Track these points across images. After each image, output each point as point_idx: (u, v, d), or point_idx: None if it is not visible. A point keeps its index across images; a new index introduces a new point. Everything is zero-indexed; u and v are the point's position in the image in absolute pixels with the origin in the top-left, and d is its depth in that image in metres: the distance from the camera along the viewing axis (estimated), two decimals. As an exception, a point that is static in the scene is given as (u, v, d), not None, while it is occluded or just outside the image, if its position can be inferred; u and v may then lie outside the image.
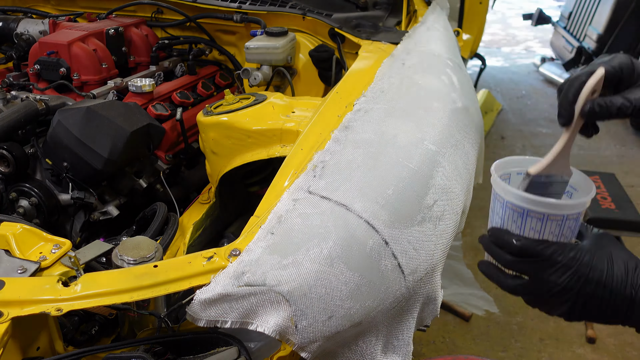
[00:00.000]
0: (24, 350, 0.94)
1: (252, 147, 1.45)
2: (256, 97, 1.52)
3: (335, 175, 1.10)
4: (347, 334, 1.03)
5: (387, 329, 1.11)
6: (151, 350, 0.99)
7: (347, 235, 1.01)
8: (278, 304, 0.93)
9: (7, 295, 0.90)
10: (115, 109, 1.49)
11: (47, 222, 1.48)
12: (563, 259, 0.83)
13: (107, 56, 1.81)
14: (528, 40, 7.84)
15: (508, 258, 0.87)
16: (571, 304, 0.84)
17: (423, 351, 2.44)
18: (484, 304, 2.67)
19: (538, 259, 0.84)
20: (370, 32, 1.86)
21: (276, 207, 1.04)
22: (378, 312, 1.04)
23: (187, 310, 0.92)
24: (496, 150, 4.33)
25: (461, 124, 1.44)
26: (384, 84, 1.43)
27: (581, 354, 2.44)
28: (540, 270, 0.84)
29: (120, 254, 1.02)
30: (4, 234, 1.05)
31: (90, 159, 1.42)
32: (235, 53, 2.11)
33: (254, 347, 1.06)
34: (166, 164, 1.67)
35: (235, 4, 2.00)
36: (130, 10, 2.16)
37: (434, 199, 1.18)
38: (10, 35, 2.03)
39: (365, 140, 1.21)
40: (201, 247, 1.48)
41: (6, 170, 1.47)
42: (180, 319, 1.09)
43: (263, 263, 0.94)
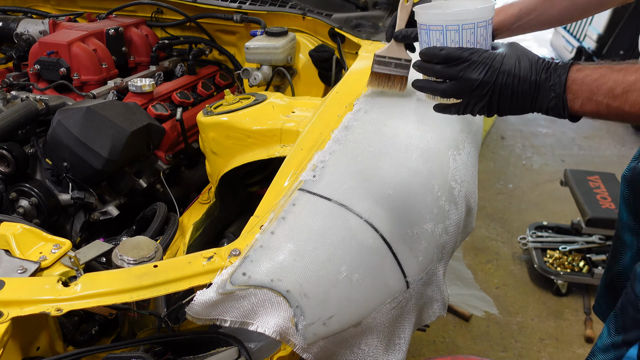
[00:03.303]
0: (24, 350, 0.94)
1: (252, 147, 1.45)
2: (256, 97, 1.52)
3: (335, 175, 1.10)
4: (348, 334, 1.03)
5: (388, 329, 1.11)
6: (151, 350, 0.99)
7: (347, 236, 1.01)
8: (278, 305, 0.93)
9: (7, 295, 0.90)
10: (115, 109, 1.49)
11: (47, 222, 1.48)
12: (479, 59, 1.01)
13: (107, 56, 1.82)
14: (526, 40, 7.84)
15: (437, 68, 1.04)
16: (489, 96, 1.01)
17: (423, 351, 2.44)
18: (483, 305, 2.67)
19: (459, 61, 1.02)
20: (370, 32, 1.86)
21: (276, 207, 1.04)
22: (379, 313, 1.04)
23: (187, 311, 0.92)
24: (496, 150, 4.33)
25: (462, 124, 1.44)
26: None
27: (581, 354, 2.43)
28: (462, 71, 1.01)
29: (120, 254, 1.02)
30: (4, 234, 1.05)
31: (90, 159, 1.42)
32: (235, 53, 2.11)
33: (254, 347, 1.06)
34: (166, 164, 1.67)
35: (235, 4, 2.00)
36: (130, 10, 2.16)
37: (434, 199, 1.18)
38: (10, 35, 2.03)
39: (365, 140, 1.21)
40: (201, 247, 1.48)
41: (6, 170, 1.47)
42: (180, 319, 1.09)
43: (263, 263, 0.94)
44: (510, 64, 1.00)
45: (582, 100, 0.96)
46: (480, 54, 1.01)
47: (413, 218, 1.11)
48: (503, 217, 3.40)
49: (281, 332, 0.95)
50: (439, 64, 1.04)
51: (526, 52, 1.02)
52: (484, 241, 3.20)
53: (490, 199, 3.55)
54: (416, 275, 1.09)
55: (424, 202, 1.15)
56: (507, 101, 1.01)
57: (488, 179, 3.78)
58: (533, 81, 0.98)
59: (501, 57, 1.00)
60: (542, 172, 4.04)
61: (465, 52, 1.02)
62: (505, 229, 3.30)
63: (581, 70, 0.96)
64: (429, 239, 1.13)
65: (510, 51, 1.02)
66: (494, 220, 3.37)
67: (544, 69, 0.99)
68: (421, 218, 1.13)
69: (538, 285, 2.85)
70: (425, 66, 1.07)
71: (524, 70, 0.99)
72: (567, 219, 3.20)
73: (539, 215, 3.42)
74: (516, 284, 2.88)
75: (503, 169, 4.05)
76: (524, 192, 3.73)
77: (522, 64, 0.99)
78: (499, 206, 3.50)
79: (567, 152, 4.34)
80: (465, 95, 1.03)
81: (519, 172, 4.02)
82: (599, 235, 2.88)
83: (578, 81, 0.96)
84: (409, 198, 1.12)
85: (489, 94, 1.01)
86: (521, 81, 0.99)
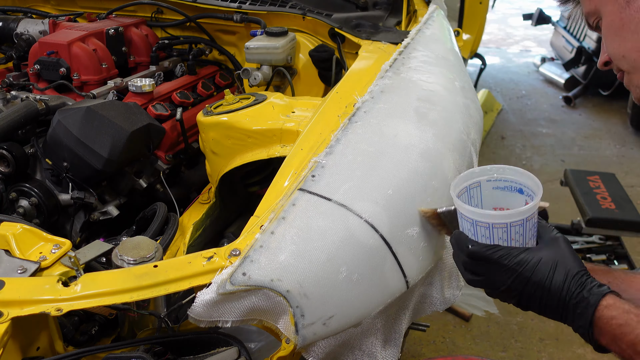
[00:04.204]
0: (24, 350, 0.94)
1: (252, 147, 1.45)
2: (256, 97, 1.52)
3: (335, 175, 1.10)
4: (348, 334, 1.03)
5: (386, 327, 1.12)
6: (151, 350, 0.99)
7: (347, 236, 1.01)
8: (278, 305, 0.93)
9: (7, 295, 0.90)
10: (115, 109, 1.49)
11: (47, 222, 1.48)
12: (509, 263, 0.94)
13: (107, 56, 1.81)
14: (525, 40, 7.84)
15: (465, 259, 0.99)
16: (517, 299, 0.96)
17: (423, 351, 2.44)
18: (484, 304, 2.67)
19: (488, 262, 0.95)
20: (370, 32, 1.86)
21: (276, 207, 1.04)
22: (379, 312, 1.04)
23: (188, 313, 0.92)
24: (496, 150, 4.33)
25: (462, 124, 1.44)
26: (384, 84, 1.43)
27: (581, 354, 2.43)
28: (489, 272, 0.96)
29: (120, 254, 1.02)
30: (4, 234, 1.05)
31: (90, 158, 1.42)
32: (235, 53, 2.11)
33: (254, 347, 1.06)
34: (166, 164, 1.67)
35: (235, 4, 2.00)
36: (130, 10, 2.16)
37: (435, 199, 1.18)
38: (10, 35, 2.03)
39: (366, 141, 1.21)
40: (201, 247, 1.48)
41: (6, 170, 1.47)
42: (180, 319, 1.09)
43: (263, 263, 0.94)
44: (542, 272, 0.92)
45: (607, 340, 0.91)
46: (511, 257, 0.94)
47: (413, 218, 1.11)
48: (503, 217, 3.40)
49: (281, 332, 0.95)
50: (467, 256, 0.98)
51: (566, 258, 0.94)
52: (484, 241, 3.19)
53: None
54: (416, 275, 1.09)
55: (424, 202, 1.15)
56: (534, 307, 0.95)
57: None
58: (562, 299, 0.91)
59: (534, 264, 0.93)
60: (542, 172, 4.04)
61: (494, 253, 0.94)
62: (505, 229, 3.30)
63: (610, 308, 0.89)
64: (429, 239, 1.13)
65: (548, 255, 0.93)
66: (494, 220, 3.36)
67: (577, 288, 0.91)
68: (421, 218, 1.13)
69: (538, 285, 2.85)
70: (455, 251, 1.02)
71: (556, 284, 0.91)
72: (567, 219, 3.20)
73: (539, 215, 3.41)
74: (516, 284, 2.88)
75: (503, 169, 4.04)
76: (524, 192, 3.72)
77: (556, 276, 0.91)
78: (499, 206, 3.50)
79: (567, 152, 4.34)
80: (491, 291, 0.99)
81: (519, 172, 4.01)
82: (599, 235, 2.88)
83: (604, 320, 0.90)
84: (409, 198, 1.12)
85: (516, 298, 0.96)
86: (550, 296, 0.92)
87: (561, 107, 5.22)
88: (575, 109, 5.18)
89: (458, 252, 1.01)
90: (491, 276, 0.96)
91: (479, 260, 0.96)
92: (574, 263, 0.93)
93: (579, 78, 5.35)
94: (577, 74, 5.38)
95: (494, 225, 0.96)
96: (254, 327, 1.01)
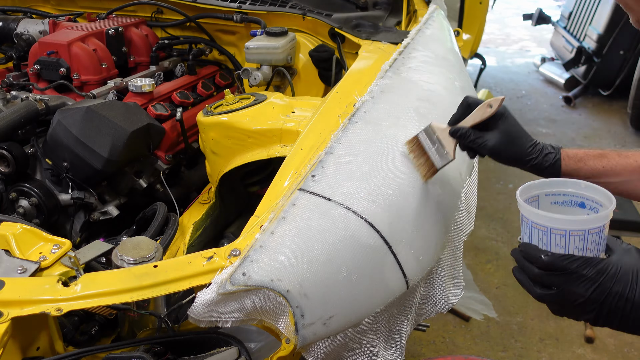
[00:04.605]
0: (24, 350, 0.94)
1: (252, 147, 1.45)
2: (256, 97, 1.52)
3: (335, 175, 1.10)
4: (348, 334, 1.03)
5: (387, 327, 1.12)
6: (151, 350, 0.99)
7: (347, 236, 1.01)
8: (278, 305, 0.93)
9: (7, 295, 0.90)
10: (115, 109, 1.49)
11: (47, 222, 1.48)
12: (588, 272, 0.87)
13: (107, 56, 1.81)
14: (524, 40, 7.84)
15: (536, 272, 0.92)
16: (596, 313, 0.88)
17: (423, 351, 2.44)
18: (482, 308, 2.66)
19: (564, 272, 0.89)
20: (370, 32, 1.86)
21: (276, 207, 1.04)
22: (379, 312, 1.04)
23: (188, 313, 0.92)
24: (496, 150, 4.33)
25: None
26: (384, 84, 1.43)
27: (581, 354, 2.43)
28: (566, 283, 0.89)
29: (120, 254, 1.02)
30: (4, 234, 1.05)
31: (90, 159, 1.42)
32: (235, 53, 2.11)
33: (254, 347, 1.06)
34: (166, 164, 1.67)
35: (235, 4, 2.00)
36: (130, 10, 2.16)
37: (434, 199, 1.18)
38: (10, 35, 2.03)
39: (366, 141, 1.21)
40: (201, 247, 1.48)
41: (6, 170, 1.47)
42: (180, 319, 1.09)
43: (263, 263, 0.94)
44: (624, 282, 0.87)
45: None
46: (590, 266, 0.88)
47: (413, 218, 1.11)
48: (503, 217, 3.40)
49: (281, 332, 0.95)
50: (540, 268, 0.92)
51: None
52: (484, 241, 3.20)
53: (490, 199, 3.55)
54: (416, 276, 1.09)
55: (423, 202, 1.15)
56: (615, 321, 0.89)
57: (488, 179, 3.78)
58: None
59: (614, 273, 0.87)
60: (542, 172, 4.03)
61: (572, 263, 0.88)
62: (505, 229, 3.30)
63: None
64: (429, 238, 1.13)
65: (626, 265, 0.88)
66: (494, 220, 3.37)
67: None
68: (421, 218, 1.13)
69: (538, 285, 2.85)
70: (524, 264, 0.95)
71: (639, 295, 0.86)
72: (567, 219, 3.20)
73: (539, 216, 3.41)
74: (516, 284, 2.82)
75: (503, 169, 4.04)
76: (524, 192, 3.72)
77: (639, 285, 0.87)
78: (499, 206, 3.50)
79: (567, 152, 4.33)
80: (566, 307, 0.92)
81: (519, 172, 3.95)
82: (599, 235, 2.87)
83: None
84: (409, 198, 1.12)
85: (595, 312, 0.89)
86: (634, 308, 0.86)
87: (561, 107, 5.22)
88: (575, 109, 5.18)
89: (526, 264, 0.94)
90: (568, 288, 0.89)
91: (555, 271, 0.90)
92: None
93: (579, 78, 5.35)
94: (577, 74, 5.38)
95: (571, 233, 0.90)
96: (254, 327, 1.01)
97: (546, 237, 0.92)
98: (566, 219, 0.91)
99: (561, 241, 0.91)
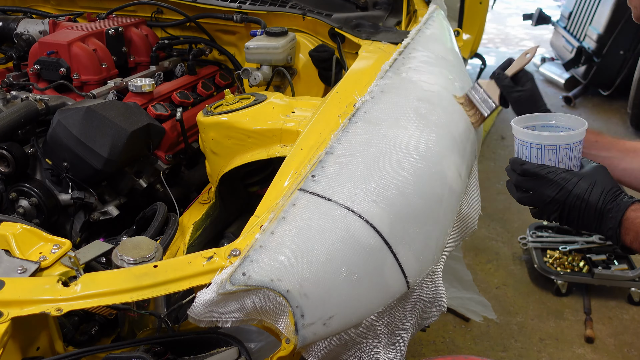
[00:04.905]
0: (24, 350, 0.94)
1: (252, 147, 1.45)
2: (256, 97, 1.52)
3: (335, 175, 1.10)
4: (348, 334, 1.03)
5: (388, 329, 1.11)
6: (151, 350, 0.99)
7: (347, 236, 1.01)
8: (278, 305, 0.93)
9: (7, 295, 0.90)
10: (115, 109, 1.49)
11: (47, 222, 1.48)
12: (555, 178, 1.12)
13: (107, 56, 1.81)
14: (524, 40, 7.84)
15: (517, 178, 1.18)
16: (560, 211, 1.12)
17: (423, 351, 2.44)
18: (482, 309, 2.66)
19: (537, 177, 1.14)
20: (370, 32, 1.86)
21: (276, 207, 1.04)
22: (379, 313, 1.04)
23: (188, 313, 0.92)
24: (496, 150, 4.33)
25: (462, 124, 1.44)
26: (384, 84, 1.43)
27: (581, 354, 2.44)
28: (538, 186, 1.14)
29: (120, 254, 1.02)
30: (4, 234, 1.05)
31: (90, 159, 1.42)
32: (235, 53, 2.11)
33: (254, 347, 1.06)
34: (166, 164, 1.67)
35: (235, 4, 2.00)
36: (130, 10, 2.16)
37: (435, 199, 1.18)
38: (10, 35, 2.03)
39: (366, 141, 1.21)
40: (201, 247, 1.48)
41: (6, 170, 1.47)
42: (180, 319, 1.09)
43: (263, 263, 0.94)
44: (582, 188, 1.09)
45: (630, 237, 1.06)
46: (557, 173, 1.12)
47: (413, 218, 1.11)
48: (503, 217, 3.40)
49: (281, 332, 0.95)
50: (519, 175, 1.17)
51: (604, 179, 1.11)
52: (484, 241, 3.20)
53: (490, 199, 3.55)
54: (417, 276, 1.09)
55: (424, 202, 1.15)
56: (574, 219, 1.11)
57: (488, 179, 3.78)
58: (599, 209, 1.08)
59: (576, 180, 1.10)
60: (542, 172, 4.03)
61: (543, 170, 1.13)
62: (505, 229, 3.30)
63: (636, 211, 1.06)
64: (429, 239, 1.13)
65: (588, 175, 1.11)
66: (494, 220, 3.37)
67: (611, 199, 1.08)
68: (421, 218, 1.13)
69: (538, 285, 2.85)
70: (509, 172, 1.21)
71: (593, 197, 1.08)
72: (567, 219, 3.20)
73: (539, 216, 3.41)
74: (516, 284, 2.88)
75: (503, 169, 4.03)
76: (524, 192, 3.72)
77: (594, 190, 1.09)
78: (499, 206, 3.50)
79: (567, 152, 4.34)
80: (539, 206, 1.15)
81: (519, 172, 4.00)
82: (599, 235, 2.88)
83: (630, 220, 1.06)
84: (409, 198, 1.13)
85: (559, 210, 1.12)
86: (588, 206, 1.09)
87: (561, 107, 5.22)
88: (575, 109, 5.18)
89: (511, 173, 1.19)
90: (539, 191, 1.13)
91: (530, 177, 1.14)
92: (610, 183, 1.10)
93: (579, 78, 5.35)
94: (577, 74, 5.38)
95: (545, 147, 1.14)
96: (254, 327, 1.01)
97: (527, 151, 1.17)
98: (542, 134, 1.16)
99: (538, 154, 1.16)
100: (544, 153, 1.15)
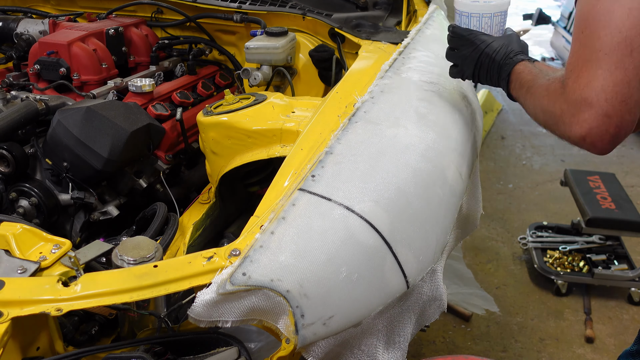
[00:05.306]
0: (24, 350, 0.94)
1: (252, 147, 1.45)
2: (256, 97, 1.52)
3: (335, 175, 1.10)
4: (348, 334, 1.03)
5: (388, 328, 1.12)
6: (151, 350, 0.99)
7: (347, 236, 1.01)
8: (278, 305, 0.93)
9: (7, 295, 0.90)
10: (115, 109, 1.49)
11: (47, 222, 1.48)
12: (473, 39, 1.33)
13: (107, 56, 1.81)
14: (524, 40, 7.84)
15: (448, 36, 1.39)
16: (473, 67, 1.33)
17: (423, 351, 2.44)
18: (484, 303, 2.67)
19: (461, 37, 1.35)
20: (370, 32, 1.86)
21: (276, 207, 1.04)
22: (379, 312, 1.04)
23: (188, 313, 0.92)
24: (496, 150, 4.33)
25: (462, 124, 1.45)
26: (384, 84, 1.43)
27: (581, 354, 2.44)
28: (460, 45, 1.36)
29: (120, 254, 1.02)
30: (4, 234, 1.05)
31: (90, 159, 1.42)
32: (235, 53, 2.11)
33: (254, 347, 1.06)
34: (166, 164, 1.67)
35: (235, 4, 2.00)
36: (130, 10, 2.16)
37: (435, 199, 1.18)
38: (10, 35, 2.03)
39: (366, 141, 1.21)
40: (201, 247, 1.48)
41: (6, 170, 1.47)
42: (180, 319, 1.09)
43: (263, 263, 0.94)
44: (492, 48, 1.30)
45: (514, 87, 1.24)
46: (476, 35, 1.33)
47: (413, 218, 1.11)
48: (503, 217, 3.40)
49: (281, 332, 0.95)
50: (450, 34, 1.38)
51: (513, 42, 1.31)
52: (484, 241, 3.20)
53: (490, 199, 3.55)
54: (416, 275, 1.09)
55: (423, 202, 1.15)
56: (484, 74, 1.32)
57: (488, 179, 3.78)
58: (498, 63, 1.28)
59: (488, 41, 1.31)
60: (542, 172, 4.04)
61: (464, 32, 1.36)
62: (505, 229, 3.30)
63: (524, 65, 1.24)
64: (429, 238, 1.13)
65: (501, 40, 1.31)
66: (494, 220, 3.37)
67: (511, 57, 1.27)
68: (421, 218, 1.13)
69: (538, 285, 2.85)
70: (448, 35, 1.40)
71: (498, 55, 1.28)
72: (567, 219, 3.20)
73: (539, 215, 3.41)
74: (516, 284, 2.88)
75: (503, 169, 4.05)
76: (524, 192, 3.73)
77: (500, 50, 1.29)
78: (499, 206, 3.50)
79: (567, 152, 4.34)
80: (459, 63, 1.36)
81: (519, 172, 4.01)
82: (599, 235, 2.88)
83: (516, 73, 1.24)
84: (409, 198, 1.13)
85: (472, 66, 1.33)
86: (492, 62, 1.29)
87: (561, 107, 5.21)
88: (575, 109, 5.18)
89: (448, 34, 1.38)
90: (462, 49, 1.34)
91: (457, 37, 1.36)
92: (519, 47, 1.30)
93: (579, 78, 5.34)
94: (577, 74, 5.37)
95: (471, 15, 1.43)
96: (254, 327, 1.01)
97: (459, 18, 1.45)
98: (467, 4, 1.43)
99: (466, 20, 1.44)
100: (471, 20, 1.43)
